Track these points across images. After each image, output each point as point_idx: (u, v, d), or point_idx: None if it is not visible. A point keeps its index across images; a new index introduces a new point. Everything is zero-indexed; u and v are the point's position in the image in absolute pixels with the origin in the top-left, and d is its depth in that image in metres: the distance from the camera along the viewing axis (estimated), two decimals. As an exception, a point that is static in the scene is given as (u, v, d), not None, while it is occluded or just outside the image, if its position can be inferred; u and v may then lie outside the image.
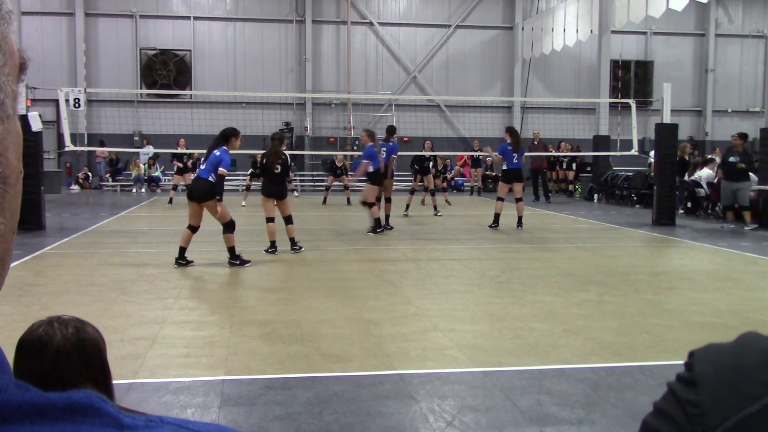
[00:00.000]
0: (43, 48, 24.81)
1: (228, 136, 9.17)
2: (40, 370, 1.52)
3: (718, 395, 0.61)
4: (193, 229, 9.08)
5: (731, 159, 14.38)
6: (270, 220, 10.26)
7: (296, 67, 26.77)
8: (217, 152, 9.01)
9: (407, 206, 16.20)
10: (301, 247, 10.43)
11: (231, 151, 9.20)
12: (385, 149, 13.04)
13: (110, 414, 0.51)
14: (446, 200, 19.21)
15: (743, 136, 14.73)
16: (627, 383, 4.72)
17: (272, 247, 10.22)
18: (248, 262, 9.25)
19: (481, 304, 7.12)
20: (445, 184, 21.13)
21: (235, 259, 9.17)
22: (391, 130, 13.60)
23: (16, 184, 0.56)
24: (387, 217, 13.25)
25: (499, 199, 13.62)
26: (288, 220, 10.35)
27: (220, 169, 8.88)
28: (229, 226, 9.06)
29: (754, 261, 10.15)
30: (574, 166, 23.42)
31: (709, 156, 18.70)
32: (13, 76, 0.55)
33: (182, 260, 9.09)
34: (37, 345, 1.55)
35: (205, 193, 8.90)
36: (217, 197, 8.93)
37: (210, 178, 8.92)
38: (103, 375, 1.60)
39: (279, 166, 10.17)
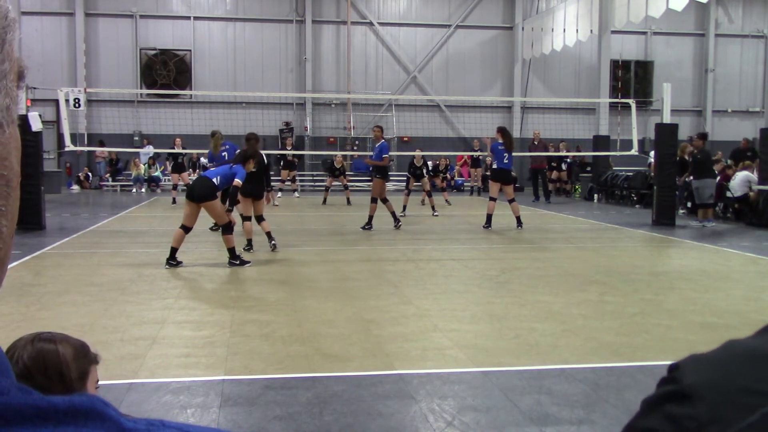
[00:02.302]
0: (43, 48, 24.82)
1: (247, 158, 9.39)
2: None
3: (716, 406, 0.59)
4: (187, 229, 9.10)
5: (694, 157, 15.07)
6: (247, 219, 10.31)
7: (296, 67, 26.77)
8: (231, 165, 9.27)
9: (404, 207, 16.22)
10: (275, 245, 10.42)
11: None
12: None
13: (112, 417, 0.51)
14: (446, 200, 19.22)
15: (703, 136, 15.30)
16: (627, 383, 4.72)
17: (248, 245, 10.21)
18: (248, 262, 9.26)
19: (481, 304, 7.12)
20: (444, 184, 21.14)
21: (235, 260, 9.18)
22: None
23: (17, 187, 0.56)
24: (393, 214, 13.35)
25: (492, 199, 13.63)
26: (260, 219, 10.43)
27: (235, 180, 9.07)
28: (227, 228, 9.10)
29: (754, 261, 10.15)
30: (563, 166, 23.37)
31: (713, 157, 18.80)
32: (15, 82, 0.56)
33: (173, 261, 9.10)
34: (8, 352, 1.58)
35: (206, 193, 8.93)
36: (227, 207, 9.09)
37: (214, 180, 8.99)
38: (65, 390, 1.60)
39: (255, 166, 10.28)
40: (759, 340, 0.64)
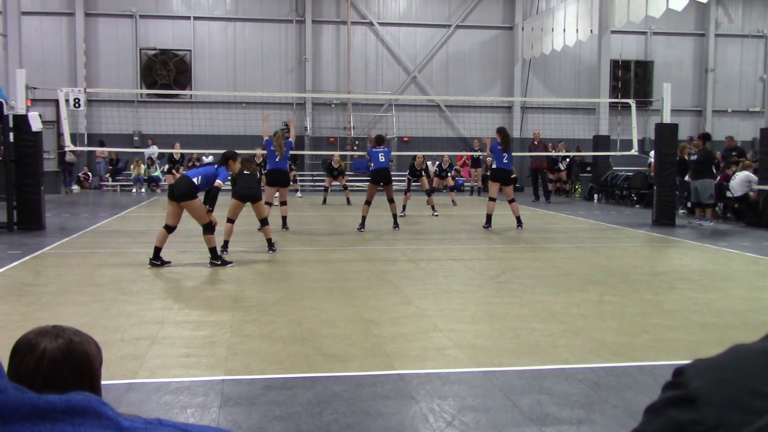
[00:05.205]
0: (43, 48, 24.83)
1: (228, 158, 9.38)
2: (24, 372, 1.53)
3: (722, 411, 0.58)
4: (170, 229, 9.09)
5: (692, 158, 15.25)
6: (231, 221, 10.26)
7: (296, 67, 26.78)
8: (215, 166, 9.26)
9: (404, 207, 16.24)
10: (275, 249, 10.41)
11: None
12: (383, 154, 13.12)
13: (109, 416, 0.51)
14: (452, 200, 19.26)
15: (703, 137, 15.41)
16: (627, 383, 4.71)
17: (224, 247, 10.04)
18: (230, 263, 9.24)
19: (481, 304, 7.12)
20: (453, 183, 21.18)
21: (217, 260, 9.15)
22: (380, 139, 13.63)
23: None
24: (394, 216, 13.32)
25: (491, 199, 13.66)
26: (263, 222, 10.46)
27: (217, 181, 9.06)
28: (208, 228, 9.07)
29: (754, 261, 10.15)
30: (562, 167, 23.36)
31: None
32: None
33: (157, 261, 9.07)
34: (25, 347, 1.57)
35: (185, 192, 8.91)
36: (208, 207, 9.07)
37: (195, 180, 8.95)
38: (91, 389, 1.60)
39: (248, 170, 10.27)
40: (765, 343, 0.63)
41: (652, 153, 17.99)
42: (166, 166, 20.42)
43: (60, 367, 1.55)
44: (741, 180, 15.21)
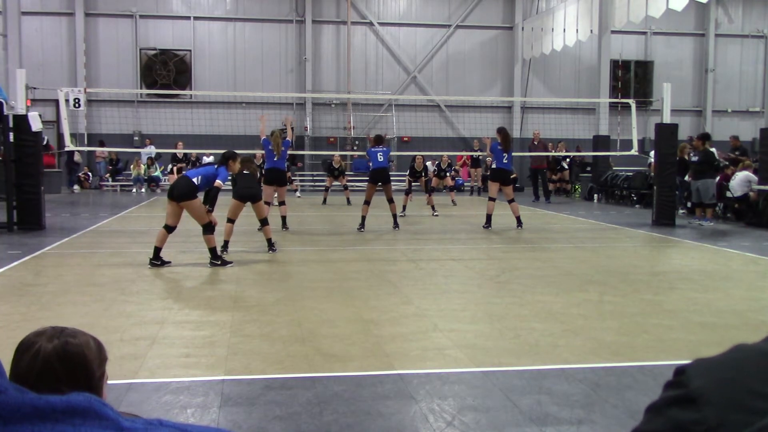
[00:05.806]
0: (43, 48, 24.83)
1: (227, 158, 9.39)
2: (20, 371, 1.54)
3: (723, 411, 0.58)
4: (169, 229, 9.10)
5: (693, 159, 15.27)
6: (231, 221, 10.26)
7: (296, 67, 26.78)
8: (215, 166, 9.26)
9: (404, 207, 16.24)
10: (275, 249, 10.41)
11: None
12: (381, 153, 13.12)
13: (109, 417, 0.51)
14: (452, 200, 19.27)
15: (703, 137, 15.37)
16: (627, 383, 4.71)
17: (224, 247, 10.03)
18: (230, 263, 9.24)
19: (481, 304, 7.12)
20: (453, 183, 21.19)
21: (217, 260, 9.15)
22: (378, 139, 13.65)
23: None
24: (394, 216, 13.32)
25: (491, 199, 13.67)
26: (263, 222, 10.48)
27: (217, 181, 9.06)
28: (208, 228, 9.07)
29: (754, 261, 10.15)
30: (564, 165, 23.37)
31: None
32: None
33: (157, 261, 9.07)
34: (23, 347, 1.58)
35: (185, 192, 8.91)
36: (208, 208, 9.06)
37: (195, 180, 8.95)
38: (88, 390, 1.59)
39: (248, 170, 10.28)
40: (767, 344, 0.63)
41: (652, 153, 17.99)
42: (170, 166, 20.45)
43: (53, 367, 1.55)
44: (741, 180, 15.22)
